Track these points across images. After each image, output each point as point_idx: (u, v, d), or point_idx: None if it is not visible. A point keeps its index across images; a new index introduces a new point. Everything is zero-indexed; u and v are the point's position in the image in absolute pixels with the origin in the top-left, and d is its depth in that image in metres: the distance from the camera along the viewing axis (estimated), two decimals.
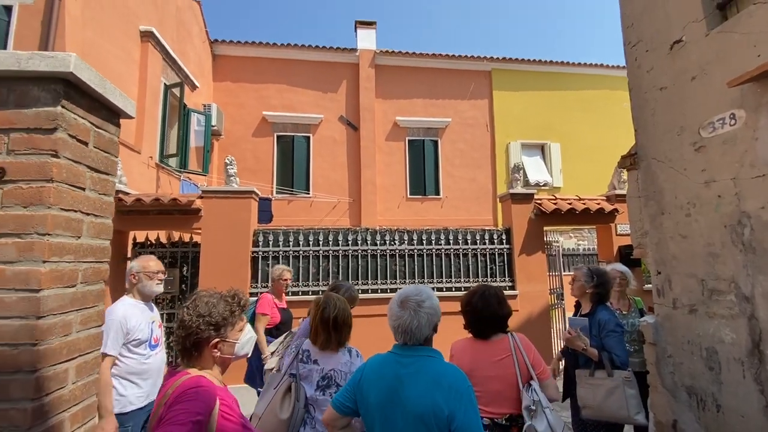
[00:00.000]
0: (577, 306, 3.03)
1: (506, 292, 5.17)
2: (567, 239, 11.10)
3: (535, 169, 11.32)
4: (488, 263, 5.30)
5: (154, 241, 4.93)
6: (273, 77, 10.60)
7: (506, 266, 5.31)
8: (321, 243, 4.98)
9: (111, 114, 1.44)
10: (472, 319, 1.87)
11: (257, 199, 5.19)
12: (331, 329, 1.87)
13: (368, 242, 5.05)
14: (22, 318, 1.09)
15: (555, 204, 5.36)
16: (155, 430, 1.06)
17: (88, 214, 1.32)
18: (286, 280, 3.79)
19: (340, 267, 4.95)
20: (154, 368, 2.31)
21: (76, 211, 1.26)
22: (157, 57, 7.27)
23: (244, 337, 1.31)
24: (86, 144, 1.30)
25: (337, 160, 10.53)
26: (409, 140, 10.91)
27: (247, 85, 10.51)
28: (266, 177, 10.16)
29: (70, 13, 5.19)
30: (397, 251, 5.10)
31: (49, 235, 1.14)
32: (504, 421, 1.72)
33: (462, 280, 5.18)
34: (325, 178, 10.40)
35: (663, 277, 2.91)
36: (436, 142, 11.06)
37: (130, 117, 1.51)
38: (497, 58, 11.32)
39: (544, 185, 11.10)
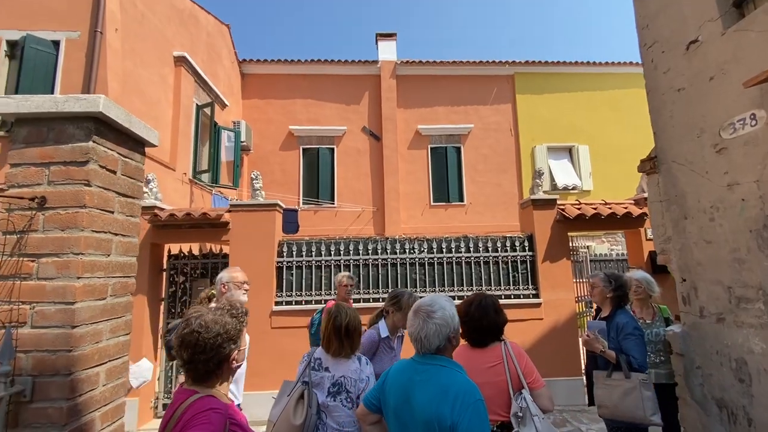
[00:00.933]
0: (598, 311, 3.00)
1: (530, 301, 5.10)
2: (599, 244, 10.69)
3: (563, 173, 11.02)
4: (510, 270, 5.22)
5: (187, 253, 5.23)
6: (298, 92, 10.99)
7: (529, 273, 5.21)
8: (342, 252, 5.09)
9: (137, 144, 1.61)
10: (469, 328, 1.89)
11: (281, 211, 5.40)
12: (343, 336, 1.96)
13: (388, 251, 5.12)
14: (60, 327, 1.25)
15: (579, 209, 5.22)
16: None
17: (116, 234, 1.48)
18: (346, 285, 3.90)
19: (361, 276, 5.04)
20: (243, 374, 2.55)
21: (106, 233, 1.42)
22: (189, 80, 7.75)
23: (244, 343, 1.38)
24: (115, 172, 1.47)
25: (361, 170, 10.72)
26: (431, 148, 10.95)
27: (274, 101, 10.95)
28: (293, 189, 10.50)
29: (110, 45, 5.67)
30: (417, 260, 5.13)
31: (82, 254, 1.31)
32: (495, 428, 1.73)
33: (483, 288, 5.12)
34: (350, 188, 10.61)
35: (688, 284, 2.81)
36: (458, 149, 11.03)
37: (153, 146, 1.68)
38: (520, 62, 11.19)
39: (573, 189, 10.79)
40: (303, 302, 4.89)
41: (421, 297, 1.68)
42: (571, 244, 5.47)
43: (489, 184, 10.89)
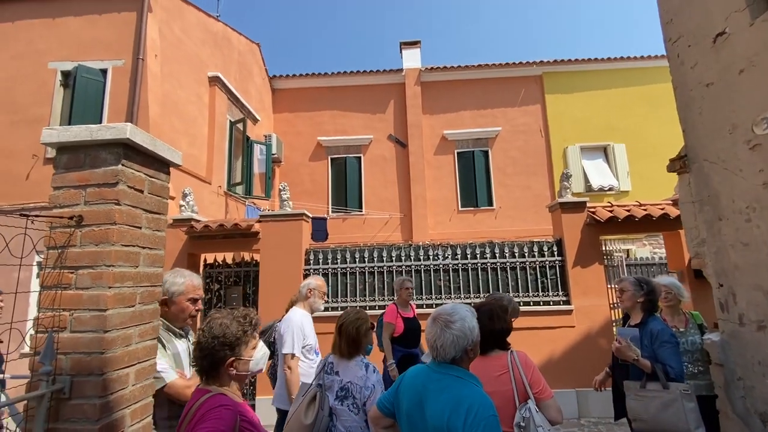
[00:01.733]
0: (625, 318, 2.87)
1: (560, 307, 4.94)
2: (640, 247, 10.13)
3: (598, 173, 10.58)
4: (539, 276, 5.08)
5: (221, 262, 5.51)
6: (326, 104, 11.31)
7: (559, 279, 5.05)
8: (366, 260, 5.18)
9: (162, 165, 1.76)
10: None
11: (308, 221, 5.57)
12: (345, 337, 2.04)
13: (412, 257, 5.15)
14: (94, 331, 1.40)
15: (610, 211, 5.01)
16: None
17: (144, 248, 1.63)
18: (407, 289, 3.97)
19: (386, 283, 5.09)
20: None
21: (134, 246, 1.57)
22: (223, 98, 8.21)
23: (258, 354, 1.40)
24: (142, 191, 1.63)
25: (388, 177, 10.82)
26: (457, 152, 10.88)
27: (303, 114, 11.33)
28: (322, 198, 10.77)
29: (151, 71, 6.14)
30: (441, 266, 5.12)
31: (113, 266, 1.45)
32: None
33: (510, 294, 5.02)
34: (377, 195, 10.73)
35: (726, 290, 2.64)
36: (486, 152, 10.89)
37: (177, 166, 1.83)
38: (548, 62, 10.92)
39: (610, 190, 10.32)
40: (329, 309, 5.01)
41: (436, 304, 1.70)
42: (604, 248, 5.25)
43: (519, 187, 10.64)
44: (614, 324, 4.95)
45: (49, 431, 1.34)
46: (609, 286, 5.02)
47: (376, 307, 4.99)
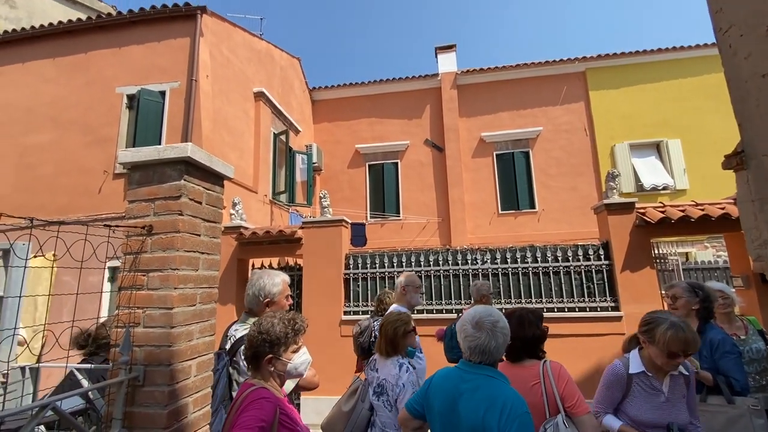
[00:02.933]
0: None
1: (608, 314, 4.71)
2: (701, 250, 9.37)
3: (651, 172, 9.94)
4: (584, 281, 4.89)
5: (267, 267, 5.81)
6: (363, 112, 11.58)
7: (606, 284, 4.82)
8: (404, 264, 5.25)
9: (217, 178, 1.96)
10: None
11: (347, 226, 5.75)
12: (384, 336, 2.13)
13: (450, 262, 5.14)
14: (162, 327, 1.59)
15: (662, 212, 4.72)
16: (229, 431, 1.26)
17: (203, 253, 1.82)
18: (486, 294, 3.91)
19: (424, 287, 5.12)
20: (423, 369, 2.77)
21: (195, 251, 1.76)
22: (267, 111, 8.67)
23: (298, 359, 1.46)
24: (200, 203, 1.82)
25: (425, 181, 10.85)
26: (496, 154, 10.69)
27: (342, 122, 11.67)
28: (360, 204, 10.99)
29: (203, 90, 6.64)
30: (481, 270, 5.07)
31: (177, 269, 1.65)
32: None
33: (554, 300, 4.87)
34: (414, 200, 10.78)
35: None
36: (527, 153, 10.60)
37: (230, 179, 2.02)
38: (591, 57, 10.48)
39: (664, 189, 9.66)
40: (369, 312, 5.12)
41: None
42: (657, 251, 4.95)
43: (563, 188, 10.25)
44: None
45: (126, 414, 1.54)
46: (663, 292, 4.72)
47: (414, 311, 5.03)
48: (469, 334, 1.57)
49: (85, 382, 1.78)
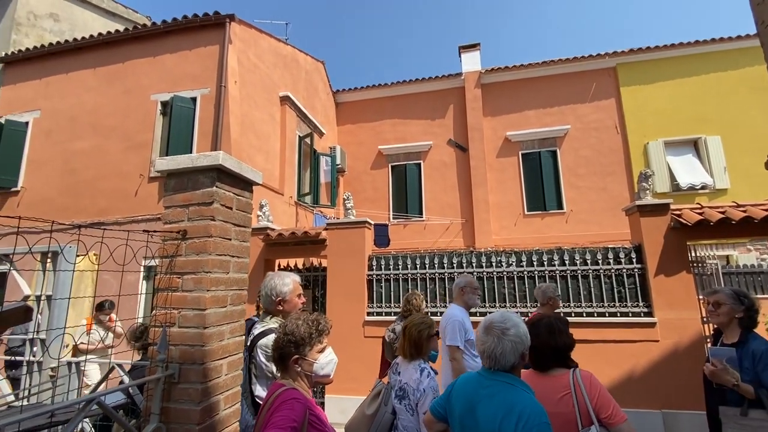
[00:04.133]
0: (717, 334, 2.56)
1: (641, 320, 4.53)
2: (743, 253, 8.85)
3: (688, 170, 9.48)
4: (615, 285, 4.72)
5: (293, 267, 5.94)
6: (386, 114, 11.62)
7: (639, 289, 4.64)
8: (427, 266, 5.24)
9: (246, 184, 2.03)
10: (532, 349, 1.74)
11: (371, 228, 5.79)
12: (408, 339, 2.14)
13: (474, 264, 5.09)
14: (196, 328, 1.67)
15: (700, 213, 4.50)
16: (262, 431, 1.28)
17: (233, 256, 1.89)
18: (552, 297, 3.82)
19: (447, 289, 5.09)
20: (480, 367, 2.89)
21: (225, 255, 1.84)
22: (292, 115, 8.86)
23: (324, 359, 1.48)
24: (231, 208, 1.89)
25: (448, 182, 10.77)
26: (522, 154, 10.48)
27: (365, 124, 11.75)
28: (383, 205, 11.04)
29: (232, 95, 6.86)
30: (506, 273, 4.99)
31: (210, 272, 1.72)
32: None
33: (583, 304, 4.72)
34: (437, 200, 10.72)
35: None
36: (554, 152, 10.34)
37: (259, 185, 2.09)
38: (623, 52, 10.10)
39: (702, 188, 9.19)
40: (392, 314, 5.14)
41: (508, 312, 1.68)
42: (694, 254, 4.72)
43: (592, 189, 9.92)
44: (707, 340, 4.43)
45: (163, 409, 1.62)
46: (700, 297, 4.51)
47: (438, 314, 5.01)
48: (479, 338, 1.59)
49: (126, 378, 1.89)
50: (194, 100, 7.02)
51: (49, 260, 2.36)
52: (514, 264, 5.03)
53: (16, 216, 1.22)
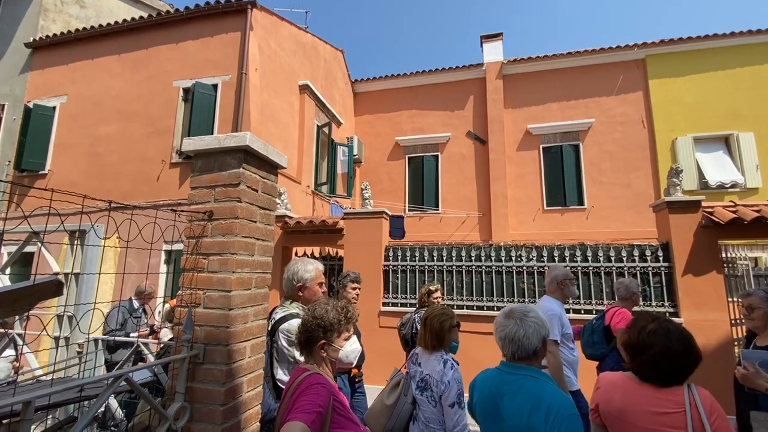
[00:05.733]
0: (750, 337, 2.46)
1: None
2: None
3: (717, 168, 9.10)
4: (640, 284, 4.58)
5: (310, 255, 5.96)
6: (404, 104, 11.48)
7: (665, 288, 4.49)
8: (445, 258, 5.18)
9: (272, 167, 2.01)
10: (645, 359, 1.48)
11: (388, 218, 5.75)
12: (429, 330, 2.10)
13: (492, 258, 5.00)
14: (221, 309, 1.66)
15: (733, 212, 4.30)
16: (287, 415, 1.22)
17: (258, 239, 1.88)
18: (636, 294, 3.46)
19: (464, 282, 5.03)
20: (576, 361, 2.90)
21: (251, 237, 1.82)
22: (311, 104, 8.83)
23: (349, 347, 1.47)
24: (257, 191, 1.87)
25: (465, 175, 10.62)
26: (543, 148, 10.23)
27: (383, 115, 11.65)
28: (399, 196, 10.97)
29: (252, 82, 6.87)
30: (525, 268, 4.89)
31: (236, 254, 1.71)
32: None
33: (604, 302, 4.60)
34: (454, 193, 10.59)
35: None
36: (576, 147, 10.05)
37: (284, 168, 2.06)
38: (653, 43, 9.69)
39: (732, 186, 8.82)
40: (408, 305, 5.12)
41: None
42: (724, 255, 4.54)
43: (616, 185, 9.63)
44: (736, 343, 4.27)
45: (187, 389, 1.63)
46: (730, 299, 4.33)
47: (454, 307, 4.96)
48: (499, 323, 1.56)
49: (151, 357, 1.90)
50: (215, 87, 7.05)
51: (77, 240, 2.39)
52: (534, 259, 4.93)
53: (49, 189, 1.22)
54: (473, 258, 5.10)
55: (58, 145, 7.92)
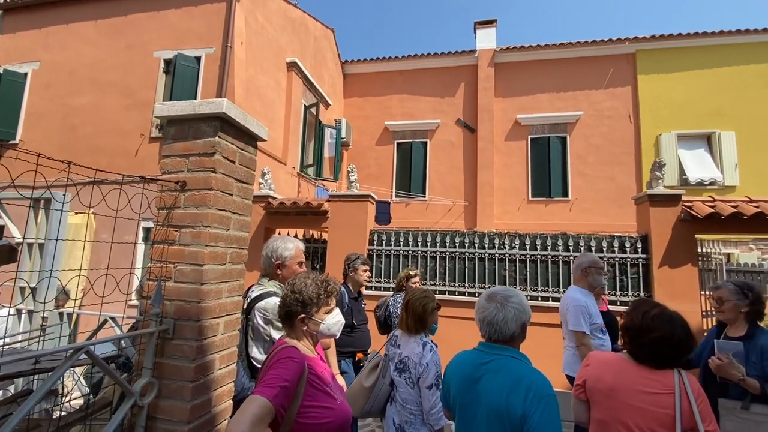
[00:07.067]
0: (719, 327, 2.52)
1: None
2: (745, 252, 8.80)
3: (698, 165, 9.31)
4: (618, 274, 4.67)
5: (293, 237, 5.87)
6: (394, 88, 11.31)
7: (641, 279, 4.59)
8: (429, 244, 5.17)
9: (251, 139, 1.91)
10: (644, 341, 1.55)
11: (374, 202, 5.69)
12: (411, 313, 2.08)
13: (476, 245, 5.02)
14: (193, 283, 1.59)
15: (712, 207, 4.40)
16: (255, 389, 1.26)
17: (234, 213, 1.80)
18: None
19: (447, 268, 5.05)
20: (608, 350, 2.76)
21: (226, 211, 1.74)
22: (298, 83, 8.59)
23: (331, 320, 1.46)
24: (234, 162, 1.79)
25: (453, 163, 10.60)
26: (531, 138, 10.26)
27: (372, 98, 11.45)
28: (387, 182, 10.89)
29: (237, 57, 6.61)
30: (508, 255, 4.93)
31: (209, 227, 1.63)
32: None
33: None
34: (441, 181, 10.58)
35: None
36: (563, 139, 10.12)
37: (264, 140, 1.97)
38: (643, 38, 9.74)
39: (711, 184, 9.05)
40: (390, 289, 5.11)
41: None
42: (700, 249, 4.65)
43: (600, 178, 9.76)
44: (705, 333, 4.41)
45: (156, 365, 1.57)
46: (702, 292, 4.46)
47: (436, 292, 4.98)
48: (480, 305, 1.56)
49: (117, 330, 1.83)
50: (198, 59, 6.77)
51: (41, 208, 2.26)
52: (517, 247, 4.96)
53: (34, 153, 1.12)
54: (457, 244, 5.10)
55: (29, 114, 7.53)
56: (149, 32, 7.13)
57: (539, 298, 4.79)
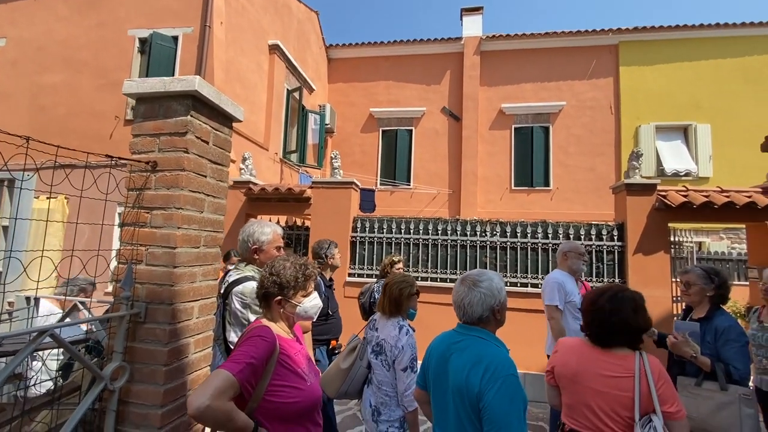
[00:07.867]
0: (686, 311, 2.64)
1: None
2: (716, 241, 9.16)
3: (674, 156, 9.57)
4: (594, 261, 4.80)
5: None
6: (380, 75, 11.17)
7: (616, 266, 4.73)
8: (412, 231, 5.19)
9: (225, 119, 1.86)
10: (593, 320, 1.61)
11: (357, 189, 5.66)
12: (388, 296, 2.10)
13: (458, 232, 5.07)
14: (165, 266, 1.55)
15: (685, 196, 4.53)
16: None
17: (208, 195, 1.76)
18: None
19: (430, 255, 5.09)
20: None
21: (200, 192, 1.70)
22: (281, 66, 8.39)
23: (308, 303, 1.46)
24: (207, 142, 1.73)
25: (438, 151, 10.61)
26: (515, 128, 10.34)
27: (358, 84, 11.30)
28: (371, 169, 10.84)
29: (217, 38, 6.40)
30: (489, 243, 4.99)
31: (182, 209, 1.59)
32: None
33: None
34: (426, 169, 10.59)
35: None
36: (546, 129, 10.23)
37: (239, 121, 1.92)
38: (626, 29, 9.85)
39: (686, 175, 9.33)
40: (374, 276, 5.13)
41: None
42: (673, 238, 4.81)
43: (581, 168, 9.95)
44: (675, 318, 4.60)
45: (127, 348, 1.53)
46: (673, 279, 4.63)
47: (418, 278, 5.03)
48: (454, 289, 1.58)
49: (86, 313, 1.78)
50: (176, 39, 6.52)
51: (5, 186, 2.16)
52: (498, 234, 5.03)
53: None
54: (439, 232, 5.14)
55: None
56: (123, 9, 6.82)
57: (518, 284, 4.89)
